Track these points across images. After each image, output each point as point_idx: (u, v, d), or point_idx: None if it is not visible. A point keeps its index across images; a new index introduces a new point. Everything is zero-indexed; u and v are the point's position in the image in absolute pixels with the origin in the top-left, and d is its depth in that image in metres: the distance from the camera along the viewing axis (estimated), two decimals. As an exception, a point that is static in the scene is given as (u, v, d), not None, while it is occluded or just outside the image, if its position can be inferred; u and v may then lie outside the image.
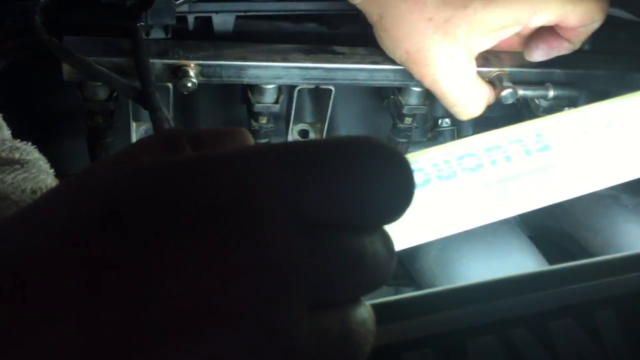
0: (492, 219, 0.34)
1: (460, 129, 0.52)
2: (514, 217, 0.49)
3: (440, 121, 0.52)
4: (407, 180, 0.15)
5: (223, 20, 0.45)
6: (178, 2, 0.40)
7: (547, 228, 0.50)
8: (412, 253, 0.45)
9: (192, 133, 0.19)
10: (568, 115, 0.36)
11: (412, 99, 0.45)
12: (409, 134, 0.47)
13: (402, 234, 0.30)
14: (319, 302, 0.14)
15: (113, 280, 0.13)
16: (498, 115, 0.50)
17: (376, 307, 0.16)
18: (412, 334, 0.19)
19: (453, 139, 0.51)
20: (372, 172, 0.15)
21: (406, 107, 0.45)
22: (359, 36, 0.46)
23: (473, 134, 0.51)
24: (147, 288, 0.13)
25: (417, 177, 0.30)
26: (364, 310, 0.16)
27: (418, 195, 0.16)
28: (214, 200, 0.14)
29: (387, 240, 0.16)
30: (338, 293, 0.15)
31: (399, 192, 0.15)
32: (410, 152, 0.48)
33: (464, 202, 0.33)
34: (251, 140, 0.21)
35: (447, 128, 0.52)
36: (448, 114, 0.51)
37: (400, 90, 0.46)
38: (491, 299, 0.20)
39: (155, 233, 0.13)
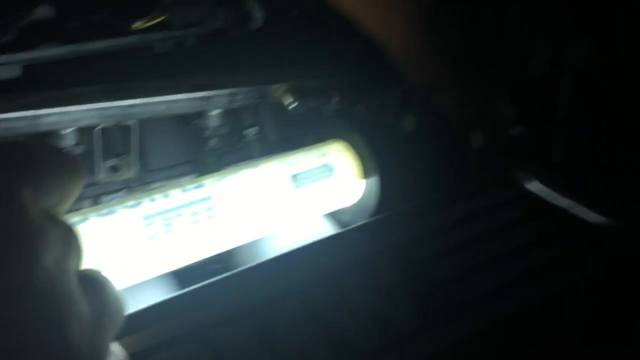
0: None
1: (266, 136, 0.56)
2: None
3: (247, 131, 0.56)
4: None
5: (9, 71, 0.44)
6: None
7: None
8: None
9: None
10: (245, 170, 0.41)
11: (213, 121, 0.48)
12: (219, 152, 0.50)
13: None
14: None
15: None
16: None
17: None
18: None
19: (261, 146, 0.55)
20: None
21: (208, 130, 0.49)
22: (154, 70, 0.48)
23: (279, 139, 0.55)
24: None
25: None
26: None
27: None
28: None
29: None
30: None
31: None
32: (225, 165, 0.52)
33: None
34: None
35: (255, 136, 0.56)
36: (254, 123, 0.55)
37: (201, 114, 0.49)
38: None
39: None
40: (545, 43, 0.35)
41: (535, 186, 0.32)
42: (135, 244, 0.33)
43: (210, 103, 0.46)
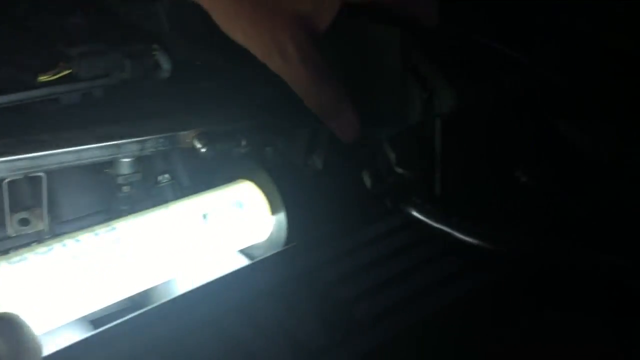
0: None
1: (179, 181, 0.58)
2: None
3: (160, 177, 0.57)
4: None
5: None
6: None
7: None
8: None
9: None
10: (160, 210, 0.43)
11: (125, 169, 0.49)
12: (130, 200, 0.51)
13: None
14: None
15: None
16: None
17: None
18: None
19: (174, 192, 0.57)
20: None
21: (120, 178, 0.49)
22: (62, 121, 0.48)
23: (192, 184, 0.57)
24: None
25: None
26: None
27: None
28: None
29: None
30: None
31: None
32: (136, 212, 0.53)
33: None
34: None
35: (168, 182, 0.57)
36: (167, 170, 0.56)
37: (112, 163, 0.50)
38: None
39: None
40: (419, 91, 0.40)
41: (420, 215, 0.36)
42: (50, 289, 0.34)
43: (121, 151, 0.47)
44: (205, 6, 0.43)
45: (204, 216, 0.42)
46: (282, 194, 0.44)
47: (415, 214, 0.37)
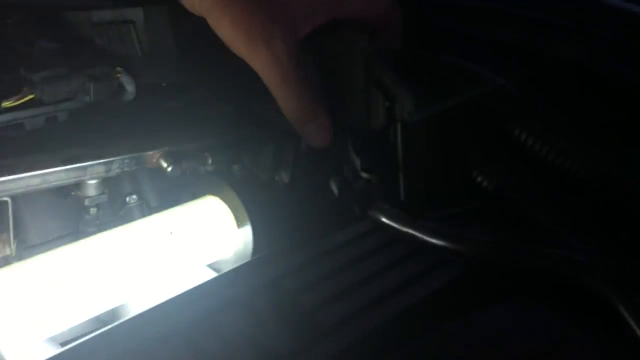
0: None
1: (148, 202, 0.58)
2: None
3: (128, 198, 0.58)
4: None
5: None
6: None
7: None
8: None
9: None
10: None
11: (91, 191, 0.50)
12: (97, 222, 0.52)
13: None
14: None
15: None
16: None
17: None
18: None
19: (142, 212, 0.57)
20: None
21: (87, 200, 0.50)
22: (26, 146, 0.49)
23: (159, 205, 0.57)
24: None
25: None
26: None
27: None
28: None
29: None
30: None
31: None
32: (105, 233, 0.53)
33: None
34: None
35: (135, 203, 0.58)
36: (134, 190, 0.56)
37: (78, 185, 0.50)
38: None
39: None
40: (382, 100, 0.41)
41: (386, 219, 0.37)
42: (16, 309, 0.34)
43: (87, 173, 0.48)
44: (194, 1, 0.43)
45: (171, 232, 0.43)
46: (247, 208, 0.45)
47: (382, 219, 0.38)
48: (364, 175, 0.39)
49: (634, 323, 0.29)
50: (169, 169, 0.51)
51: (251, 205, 0.45)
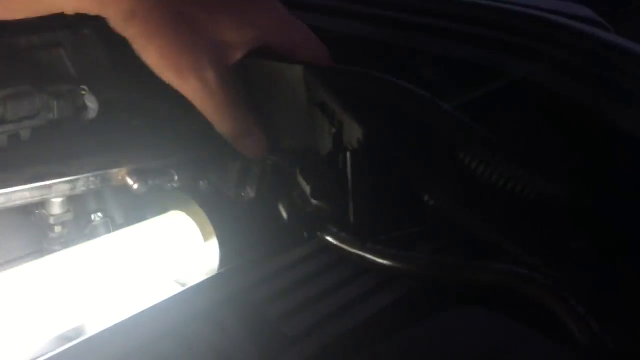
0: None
1: (113, 220, 0.58)
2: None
3: (93, 216, 0.57)
4: None
5: None
6: None
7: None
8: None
9: None
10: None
11: (56, 209, 0.50)
12: (62, 240, 0.51)
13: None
14: None
15: None
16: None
17: None
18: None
19: (108, 230, 0.57)
20: None
21: (52, 218, 0.50)
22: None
23: (125, 222, 0.57)
24: None
25: None
26: None
27: None
28: None
29: None
30: None
31: None
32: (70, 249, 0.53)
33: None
34: None
35: (101, 221, 0.58)
36: (100, 208, 0.56)
37: (42, 203, 0.50)
38: None
39: None
40: (328, 126, 0.42)
41: (336, 241, 0.39)
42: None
43: (52, 191, 0.48)
44: (119, 24, 0.42)
45: (137, 248, 0.43)
46: (213, 222, 0.45)
47: (331, 241, 0.39)
48: (314, 202, 0.40)
49: (573, 324, 0.31)
50: (135, 186, 0.51)
51: (217, 220, 0.45)
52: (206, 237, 0.46)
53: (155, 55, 0.42)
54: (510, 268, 0.34)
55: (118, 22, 0.42)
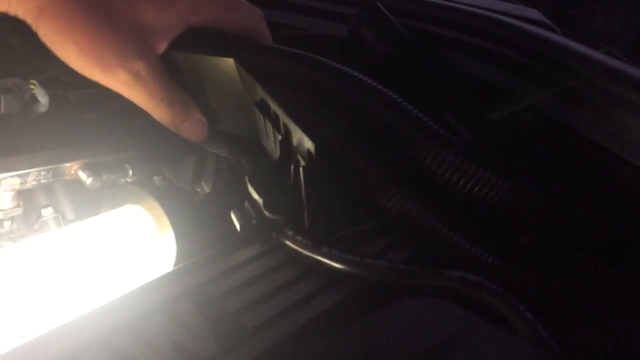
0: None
1: (64, 215, 0.57)
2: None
3: (43, 211, 0.56)
4: None
5: None
6: None
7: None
8: None
9: None
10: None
11: (5, 204, 0.49)
12: (12, 235, 0.50)
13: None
14: None
15: None
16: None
17: None
18: None
19: (58, 225, 0.56)
20: None
21: (1, 213, 0.48)
22: None
23: (76, 218, 0.56)
24: None
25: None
26: None
27: None
28: None
29: None
30: None
31: None
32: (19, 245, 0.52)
33: None
34: None
35: (51, 216, 0.56)
36: (50, 203, 0.55)
37: (-10, 198, 0.48)
38: None
39: None
40: (273, 132, 0.41)
41: (292, 244, 0.39)
42: None
43: (1, 185, 0.47)
44: (31, 23, 0.39)
45: (91, 241, 0.43)
46: (170, 218, 0.45)
47: (287, 244, 0.38)
48: (267, 214, 0.39)
49: (522, 329, 0.32)
50: (88, 181, 0.51)
51: (173, 213, 0.45)
52: (162, 231, 0.46)
53: (74, 52, 0.40)
54: (462, 275, 0.35)
55: (30, 21, 0.39)
